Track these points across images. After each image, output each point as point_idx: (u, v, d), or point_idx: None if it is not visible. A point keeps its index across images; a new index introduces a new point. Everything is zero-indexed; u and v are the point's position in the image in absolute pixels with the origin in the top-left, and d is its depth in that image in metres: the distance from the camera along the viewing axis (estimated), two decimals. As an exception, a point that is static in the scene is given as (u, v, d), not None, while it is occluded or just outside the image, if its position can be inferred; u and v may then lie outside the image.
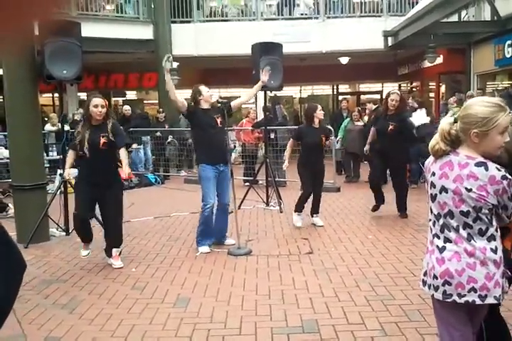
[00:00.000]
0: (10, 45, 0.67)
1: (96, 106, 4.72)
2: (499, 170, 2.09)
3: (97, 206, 4.93)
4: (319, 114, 6.34)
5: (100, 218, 5.22)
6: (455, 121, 2.16)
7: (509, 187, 2.09)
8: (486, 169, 2.09)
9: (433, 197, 2.23)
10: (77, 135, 4.79)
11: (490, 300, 2.12)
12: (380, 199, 6.84)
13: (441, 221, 2.20)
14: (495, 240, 2.15)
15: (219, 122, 5.36)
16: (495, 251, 2.13)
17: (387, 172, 7.12)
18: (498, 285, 2.12)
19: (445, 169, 2.18)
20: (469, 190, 2.10)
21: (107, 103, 4.92)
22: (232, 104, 5.63)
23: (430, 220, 2.28)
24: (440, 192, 2.19)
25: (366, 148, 7.18)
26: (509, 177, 2.09)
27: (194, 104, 5.44)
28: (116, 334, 3.40)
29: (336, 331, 3.37)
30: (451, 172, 2.16)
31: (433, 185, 2.23)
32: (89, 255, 5.06)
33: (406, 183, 7.27)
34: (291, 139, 6.62)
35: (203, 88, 5.46)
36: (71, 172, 5.12)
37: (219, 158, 5.33)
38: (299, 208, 6.43)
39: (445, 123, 2.20)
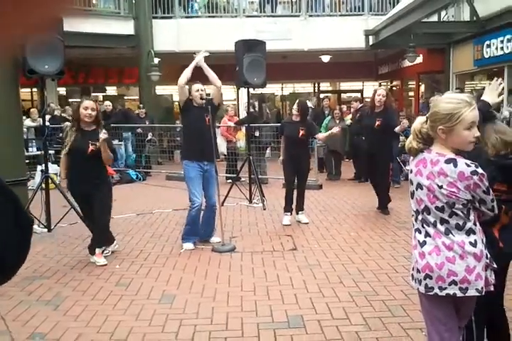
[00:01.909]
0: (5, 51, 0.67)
1: (86, 108, 4.71)
2: (468, 165, 2.12)
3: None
4: (294, 109, 6.51)
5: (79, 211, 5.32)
6: (427, 120, 2.23)
7: (481, 182, 2.12)
8: (455, 165, 2.12)
9: (412, 194, 2.30)
10: (65, 138, 4.81)
11: (472, 293, 2.17)
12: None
13: (420, 216, 2.26)
14: (474, 234, 2.19)
15: (207, 120, 5.36)
16: (474, 244, 2.17)
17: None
18: (479, 278, 2.16)
19: (420, 166, 2.24)
20: (440, 187, 2.15)
21: (98, 108, 4.90)
22: (214, 99, 5.61)
23: (413, 216, 2.34)
24: (416, 189, 2.25)
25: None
26: (480, 171, 2.11)
27: (189, 100, 5.45)
28: (102, 330, 3.40)
29: (321, 326, 3.41)
30: (424, 169, 2.21)
31: (411, 182, 2.30)
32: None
33: (388, 180, 7.37)
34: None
35: (194, 87, 5.43)
36: (53, 169, 5.11)
37: (205, 156, 5.33)
38: (287, 207, 6.46)
39: (417, 122, 2.28)
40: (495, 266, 2.26)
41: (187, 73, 5.36)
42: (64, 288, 4.22)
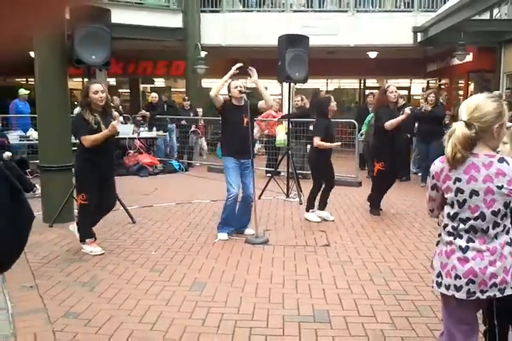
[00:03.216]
0: (43, 25, 0.71)
1: (96, 92, 4.74)
2: None
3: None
4: (333, 106, 6.24)
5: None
6: (467, 125, 2.14)
7: None
8: (508, 163, 2.15)
9: (461, 203, 2.20)
10: (91, 122, 4.72)
11: (509, 292, 2.18)
12: None
13: (469, 223, 2.19)
14: (509, 233, 2.21)
15: (245, 122, 5.41)
16: (510, 243, 2.19)
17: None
18: None
19: (472, 172, 2.17)
20: (501, 187, 2.13)
21: (105, 89, 4.95)
22: (259, 104, 5.68)
23: (447, 225, 2.26)
24: (470, 196, 2.18)
25: None
26: None
27: (228, 100, 5.54)
28: (133, 313, 3.52)
29: (347, 322, 3.43)
30: (478, 174, 2.16)
31: (460, 191, 2.19)
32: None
33: None
34: (319, 136, 6.15)
35: (232, 83, 5.47)
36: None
37: (242, 154, 5.44)
38: (311, 205, 6.40)
39: (463, 130, 2.14)
40: None
41: (219, 86, 5.40)
42: (101, 271, 4.38)
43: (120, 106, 12.11)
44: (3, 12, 0.62)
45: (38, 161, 6.54)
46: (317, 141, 6.14)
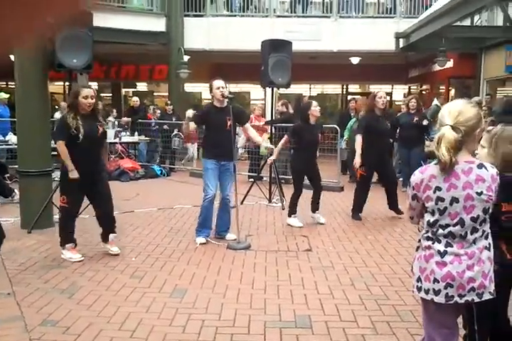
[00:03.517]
0: (29, 40, 0.70)
1: (86, 97, 4.69)
2: (492, 167, 2.20)
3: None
4: (314, 110, 6.22)
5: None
6: (453, 129, 2.13)
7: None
8: (486, 169, 2.17)
9: (441, 211, 2.19)
10: (70, 124, 4.64)
11: (486, 296, 2.19)
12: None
13: (447, 229, 2.20)
14: (487, 238, 2.22)
15: (228, 125, 5.39)
16: (488, 248, 2.21)
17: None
18: (491, 281, 2.20)
19: (451, 180, 2.17)
20: (480, 194, 2.14)
21: (95, 93, 4.90)
22: (247, 131, 5.91)
23: (427, 231, 2.26)
24: (451, 204, 2.17)
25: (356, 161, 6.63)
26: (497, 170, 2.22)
27: (210, 104, 5.52)
28: (112, 320, 3.47)
29: (328, 327, 3.42)
30: (457, 181, 2.16)
31: (440, 200, 2.18)
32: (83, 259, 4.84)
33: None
34: (286, 136, 6.51)
35: (215, 83, 5.39)
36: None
37: (223, 157, 5.43)
38: (293, 210, 6.41)
39: (453, 133, 2.12)
40: (496, 266, 2.27)
41: (187, 128, 5.60)
42: (80, 278, 4.32)
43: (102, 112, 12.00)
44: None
45: (17, 166, 6.44)
46: (285, 139, 6.50)
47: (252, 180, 8.37)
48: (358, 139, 6.60)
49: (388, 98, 17.82)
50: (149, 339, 3.21)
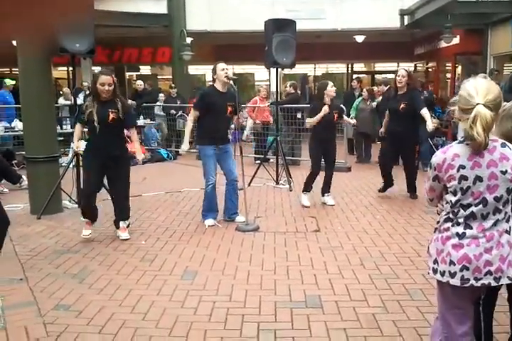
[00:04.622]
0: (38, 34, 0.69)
1: (103, 84, 4.71)
2: None
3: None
4: (330, 90, 6.21)
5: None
6: (486, 107, 2.06)
7: None
8: (510, 148, 2.14)
9: (464, 190, 2.15)
10: (85, 109, 4.81)
11: (504, 281, 2.18)
12: (389, 182, 6.87)
13: (469, 210, 2.16)
14: (509, 221, 2.19)
15: (229, 111, 5.35)
16: (509, 232, 2.18)
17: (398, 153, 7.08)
18: (510, 265, 2.17)
19: (475, 158, 2.13)
20: (505, 172, 2.11)
21: (115, 80, 4.89)
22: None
23: (449, 213, 2.23)
24: (474, 183, 2.14)
25: (382, 130, 7.13)
26: None
27: (211, 86, 5.46)
28: (124, 303, 3.51)
29: (339, 307, 3.44)
30: (482, 159, 2.12)
31: (464, 178, 2.14)
32: (90, 235, 4.96)
33: (415, 164, 7.29)
34: (308, 118, 6.40)
35: (219, 66, 5.35)
36: (80, 145, 5.18)
37: (222, 140, 5.42)
38: (306, 188, 6.44)
39: (488, 112, 2.04)
40: None
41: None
42: (90, 262, 4.35)
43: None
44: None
45: (24, 152, 6.45)
46: (306, 121, 6.41)
47: (259, 161, 8.35)
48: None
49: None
50: (161, 321, 3.24)
